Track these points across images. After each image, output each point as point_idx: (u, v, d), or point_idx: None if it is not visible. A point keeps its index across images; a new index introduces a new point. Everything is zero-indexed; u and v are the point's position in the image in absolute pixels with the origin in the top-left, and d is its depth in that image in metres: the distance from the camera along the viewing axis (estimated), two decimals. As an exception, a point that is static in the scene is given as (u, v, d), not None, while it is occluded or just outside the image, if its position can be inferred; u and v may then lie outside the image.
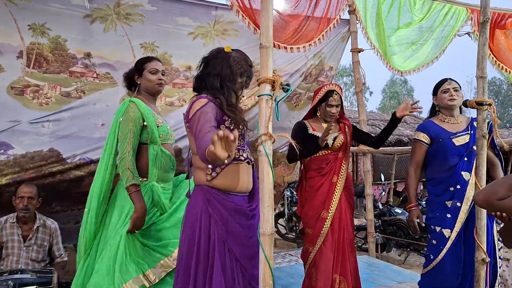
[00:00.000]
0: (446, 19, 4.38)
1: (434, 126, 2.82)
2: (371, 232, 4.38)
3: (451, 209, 2.67)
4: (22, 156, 3.23)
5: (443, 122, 2.83)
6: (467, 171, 2.69)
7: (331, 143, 2.87)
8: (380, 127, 10.88)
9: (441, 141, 2.74)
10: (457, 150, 2.72)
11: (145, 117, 2.33)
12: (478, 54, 2.55)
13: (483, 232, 2.50)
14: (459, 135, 2.76)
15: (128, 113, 2.31)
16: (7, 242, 3.03)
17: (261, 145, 1.73)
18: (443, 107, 2.85)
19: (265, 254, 1.68)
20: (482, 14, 2.56)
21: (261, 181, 1.73)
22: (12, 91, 3.17)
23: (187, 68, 3.79)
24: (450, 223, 2.65)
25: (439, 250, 2.65)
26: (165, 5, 3.54)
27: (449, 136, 2.76)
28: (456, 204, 2.66)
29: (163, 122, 2.47)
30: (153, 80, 2.46)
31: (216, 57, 2.02)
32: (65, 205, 3.57)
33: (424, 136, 2.79)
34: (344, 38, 4.49)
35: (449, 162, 2.72)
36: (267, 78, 1.77)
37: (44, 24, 3.18)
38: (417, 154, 2.81)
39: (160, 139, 2.38)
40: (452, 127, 2.80)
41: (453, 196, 2.66)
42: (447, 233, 2.64)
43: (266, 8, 1.80)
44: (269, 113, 1.75)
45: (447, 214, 2.66)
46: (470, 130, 2.77)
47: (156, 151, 2.35)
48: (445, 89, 2.81)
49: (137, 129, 2.31)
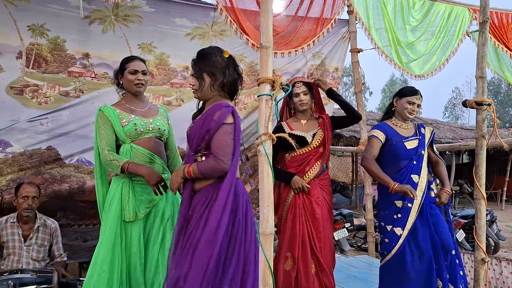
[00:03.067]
0: (450, 21, 4.39)
1: (389, 128, 2.89)
2: (371, 232, 4.38)
3: (402, 209, 2.74)
4: (20, 154, 3.24)
5: (395, 126, 2.90)
6: (416, 174, 2.77)
7: (311, 140, 2.86)
8: (380, 127, 10.90)
9: (395, 144, 2.81)
10: (408, 153, 2.80)
11: (111, 121, 2.46)
12: (477, 54, 2.56)
13: (483, 232, 2.50)
14: (410, 139, 2.83)
15: (98, 122, 2.50)
16: (8, 242, 3.03)
17: (261, 145, 1.73)
18: (399, 113, 2.90)
19: (265, 254, 1.68)
20: (482, 14, 2.56)
21: (260, 181, 1.73)
22: (12, 90, 3.18)
23: (185, 68, 3.80)
24: (401, 222, 2.74)
25: (391, 247, 2.75)
26: (163, 6, 3.55)
27: (402, 139, 2.83)
28: (407, 205, 2.73)
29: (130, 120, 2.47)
30: (132, 80, 2.51)
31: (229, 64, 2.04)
32: (71, 217, 3.58)
33: (382, 135, 2.84)
34: (346, 39, 4.49)
35: (400, 164, 2.79)
36: (267, 78, 1.77)
37: (43, 25, 3.19)
38: (374, 148, 2.84)
39: (129, 137, 2.45)
40: (404, 131, 2.88)
41: (404, 198, 2.73)
42: (399, 231, 2.73)
43: (266, 8, 1.80)
44: (269, 113, 1.75)
45: (398, 214, 2.75)
46: (418, 135, 2.86)
47: (125, 149, 2.45)
48: (411, 102, 2.83)
49: (109, 130, 2.47)
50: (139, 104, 2.57)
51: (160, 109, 2.65)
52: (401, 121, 2.90)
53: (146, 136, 2.48)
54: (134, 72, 2.51)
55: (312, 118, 2.97)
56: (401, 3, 4.20)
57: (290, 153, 2.90)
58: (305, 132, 2.87)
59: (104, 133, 2.46)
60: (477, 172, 2.54)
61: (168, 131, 2.62)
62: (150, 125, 2.50)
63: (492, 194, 12.82)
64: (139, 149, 2.44)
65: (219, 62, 2.02)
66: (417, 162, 2.79)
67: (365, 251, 5.14)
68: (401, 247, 2.71)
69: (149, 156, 2.46)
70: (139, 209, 2.41)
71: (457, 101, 36.11)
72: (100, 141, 2.46)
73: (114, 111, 2.48)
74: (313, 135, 2.87)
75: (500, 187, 12.48)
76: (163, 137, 2.57)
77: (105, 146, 2.43)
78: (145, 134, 2.48)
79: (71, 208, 3.53)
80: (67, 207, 3.51)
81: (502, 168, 12.47)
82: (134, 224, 2.40)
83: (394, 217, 2.76)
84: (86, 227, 3.61)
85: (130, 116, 2.48)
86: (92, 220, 3.63)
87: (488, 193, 12.07)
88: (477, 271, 2.51)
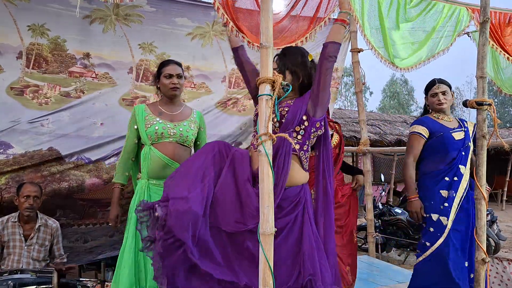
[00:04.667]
0: (445, 19, 4.38)
1: (432, 121, 2.88)
2: (371, 232, 4.38)
3: (449, 199, 2.73)
4: (21, 155, 3.23)
5: (437, 119, 2.90)
6: (463, 164, 2.79)
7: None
8: (380, 127, 10.89)
9: (442, 135, 2.79)
10: (457, 144, 2.80)
11: (137, 121, 2.58)
12: (478, 54, 2.55)
13: (483, 232, 2.50)
14: (457, 130, 2.84)
15: (129, 120, 2.66)
16: (9, 242, 3.03)
17: (261, 145, 1.73)
18: (433, 109, 2.93)
19: (265, 254, 1.68)
20: (482, 14, 2.56)
21: (261, 181, 1.73)
22: (12, 91, 3.18)
23: (186, 68, 3.80)
24: (447, 212, 2.71)
25: (436, 237, 2.69)
26: (164, 6, 3.55)
27: (449, 130, 2.82)
28: (453, 194, 2.73)
29: (153, 123, 2.54)
30: (166, 84, 2.61)
31: (312, 67, 2.10)
32: (70, 216, 3.58)
33: (424, 130, 2.82)
34: (346, 39, 4.49)
35: (451, 155, 2.78)
36: (267, 78, 1.77)
37: (43, 24, 3.19)
38: (416, 147, 2.83)
39: (150, 139, 2.53)
40: (448, 123, 2.88)
41: (450, 187, 2.73)
42: (445, 220, 2.70)
43: (266, 8, 1.80)
44: (269, 113, 1.75)
45: (445, 203, 2.73)
46: (463, 127, 2.87)
47: (145, 151, 2.54)
48: (433, 93, 2.88)
49: (131, 132, 2.63)
50: (172, 107, 2.66)
51: (193, 115, 2.72)
52: (442, 114, 2.90)
53: (166, 140, 2.54)
54: (169, 76, 2.60)
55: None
56: (397, 2, 4.20)
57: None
58: None
59: (127, 136, 2.64)
60: (478, 172, 2.54)
61: (196, 136, 2.70)
62: (172, 130, 2.56)
63: (493, 194, 12.82)
64: (156, 152, 2.52)
65: (303, 63, 2.04)
66: (465, 153, 2.80)
67: (366, 251, 5.13)
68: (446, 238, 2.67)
69: (164, 161, 2.51)
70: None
71: (457, 101, 36.05)
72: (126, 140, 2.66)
73: (144, 111, 2.61)
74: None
75: (500, 187, 12.48)
76: (187, 143, 2.62)
77: (123, 150, 2.65)
78: (165, 138, 2.54)
79: (71, 206, 3.53)
80: (67, 206, 3.51)
81: (503, 168, 12.46)
82: None
83: (441, 207, 2.73)
84: (86, 227, 3.61)
85: (155, 119, 2.57)
86: (92, 219, 3.62)
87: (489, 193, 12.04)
88: (477, 271, 2.51)
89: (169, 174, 2.46)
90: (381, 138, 10.03)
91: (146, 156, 2.51)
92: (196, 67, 3.86)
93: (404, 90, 35.62)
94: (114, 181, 2.66)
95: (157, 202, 1.86)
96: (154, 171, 2.51)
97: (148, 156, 2.52)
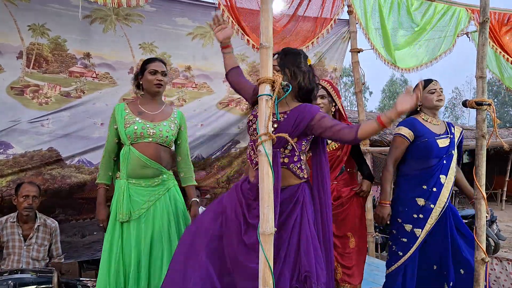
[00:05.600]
0: (445, 20, 4.39)
1: (419, 124, 2.77)
2: (371, 232, 4.38)
3: (424, 209, 2.67)
4: (21, 155, 3.23)
5: (426, 122, 2.79)
6: (444, 174, 2.70)
7: (329, 141, 2.84)
8: (380, 127, 10.89)
9: (427, 141, 2.70)
10: (439, 151, 2.72)
11: (116, 121, 2.55)
12: (477, 54, 2.55)
13: (483, 232, 2.50)
14: (442, 137, 2.76)
15: (110, 118, 2.61)
16: (8, 242, 3.03)
17: (261, 145, 1.73)
18: (428, 108, 2.82)
19: (265, 254, 1.68)
20: (482, 14, 2.55)
21: (260, 181, 1.73)
22: (12, 91, 3.18)
23: (187, 68, 3.80)
24: (421, 223, 2.66)
25: (409, 248, 2.68)
26: (164, 6, 3.55)
27: (434, 136, 2.73)
28: (430, 205, 2.67)
29: (133, 121, 2.51)
30: (151, 80, 2.56)
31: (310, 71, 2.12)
32: (69, 213, 3.58)
33: (410, 133, 2.74)
34: (345, 39, 4.48)
35: (431, 162, 2.71)
36: (267, 78, 1.77)
37: (44, 24, 3.19)
38: (399, 149, 2.76)
39: (129, 139, 2.49)
40: (435, 128, 2.78)
41: (428, 197, 2.67)
42: (418, 232, 2.67)
43: (266, 8, 1.80)
44: (269, 113, 1.75)
45: (419, 214, 2.67)
46: (450, 134, 2.78)
47: (124, 151, 2.51)
48: (433, 89, 2.79)
49: (111, 132, 2.59)
50: (153, 106, 2.62)
51: (174, 114, 2.67)
52: (431, 116, 2.81)
53: (145, 140, 2.51)
54: (154, 73, 2.56)
55: None
56: (398, 3, 4.21)
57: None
58: None
59: (108, 135, 2.60)
60: (477, 172, 2.53)
61: (176, 136, 2.65)
62: (151, 130, 2.52)
63: (492, 194, 12.82)
64: (135, 153, 2.49)
65: (302, 65, 2.06)
66: (447, 162, 2.71)
67: (365, 251, 5.13)
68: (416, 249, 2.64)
69: (143, 161, 2.49)
70: (134, 210, 2.45)
71: (457, 101, 36.04)
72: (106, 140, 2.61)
73: (124, 110, 2.56)
74: None
75: (500, 187, 12.50)
76: (167, 143, 2.58)
77: (105, 150, 2.61)
78: (144, 138, 2.51)
79: (70, 205, 3.54)
80: (66, 205, 3.52)
81: (502, 168, 12.48)
82: (129, 225, 2.45)
83: (414, 216, 2.68)
84: (83, 221, 3.60)
85: (135, 118, 2.53)
86: (89, 214, 3.63)
87: (488, 193, 12.07)
88: (477, 271, 2.51)
89: (148, 174, 2.50)
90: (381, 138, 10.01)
91: (126, 156, 2.48)
92: (197, 67, 3.86)
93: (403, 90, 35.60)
94: (98, 181, 2.61)
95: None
96: (134, 171, 2.48)
97: (127, 156, 2.49)
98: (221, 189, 4.17)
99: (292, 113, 2.00)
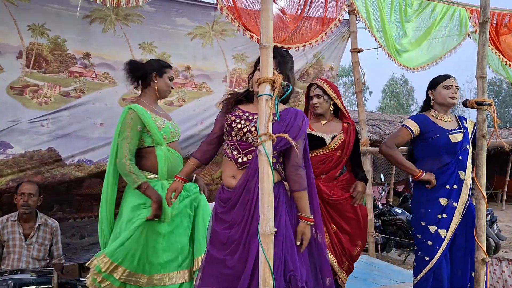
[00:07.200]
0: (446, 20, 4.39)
1: (428, 120, 2.72)
2: (371, 232, 4.38)
3: (447, 209, 2.60)
4: (21, 155, 3.23)
5: (436, 119, 2.73)
6: (462, 170, 2.64)
7: (329, 142, 2.84)
8: (380, 127, 10.88)
9: (437, 137, 2.65)
10: (453, 147, 2.64)
11: (145, 123, 2.46)
12: (478, 54, 2.55)
13: (483, 232, 2.50)
14: (455, 132, 2.68)
15: (125, 121, 2.45)
16: (9, 241, 3.03)
17: (261, 145, 1.73)
18: (440, 104, 2.75)
19: (265, 254, 1.68)
20: (482, 14, 2.55)
21: (261, 181, 1.73)
22: (12, 91, 3.18)
23: (186, 68, 3.80)
24: (445, 223, 2.58)
25: (435, 251, 2.58)
26: (163, 6, 3.55)
27: (446, 132, 2.66)
28: (453, 204, 2.60)
29: (164, 123, 2.54)
30: (169, 85, 2.64)
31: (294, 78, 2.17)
32: (67, 210, 3.57)
33: (416, 127, 2.69)
34: (344, 38, 4.48)
35: (445, 159, 2.65)
36: (267, 78, 1.76)
37: (43, 24, 3.19)
38: (400, 138, 2.71)
39: (165, 139, 2.51)
40: (446, 124, 2.72)
41: (450, 196, 2.60)
42: (443, 233, 2.59)
43: (266, 8, 1.79)
44: (269, 113, 1.75)
45: (443, 214, 2.59)
46: (462, 128, 2.71)
47: (163, 152, 2.49)
48: (449, 85, 2.70)
49: (135, 134, 2.45)
50: (158, 107, 2.68)
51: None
52: (442, 113, 2.74)
53: (175, 139, 2.59)
54: (171, 79, 2.65)
55: (335, 120, 2.91)
56: (398, 2, 4.21)
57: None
58: (325, 133, 2.82)
59: (130, 137, 2.44)
60: (478, 172, 2.53)
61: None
62: (176, 129, 2.61)
63: (493, 194, 12.82)
64: (174, 152, 2.54)
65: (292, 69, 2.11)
66: (463, 157, 2.64)
67: (366, 251, 5.13)
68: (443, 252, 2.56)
69: (180, 159, 2.56)
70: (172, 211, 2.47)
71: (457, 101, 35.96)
72: (123, 144, 2.43)
73: (146, 112, 2.50)
74: (332, 137, 2.81)
75: (500, 187, 12.50)
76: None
77: (128, 153, 2.43)
78: (174, 137, 2.59)
79: (68, 201, 3.54)
80: (64, 201, 3.52)
81: (503, 168, 12.47)
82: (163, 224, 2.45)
83: (438, 216, 2.60)
84: (81, 220, 3.58)
85: (162, 119, 2.55)
86: (88, 213, 3.62)
87: (489, 193, 12.07)
88: (477, 271, 2.50)
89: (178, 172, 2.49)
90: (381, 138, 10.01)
91: (166, 157, 2.48)
92: (197, 67, 3.85)
93: (404, 90, 35.58)
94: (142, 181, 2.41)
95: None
96: (172, 171, 2.49)
97: (167, 156, 2.49)
98: (216, 186, 4.16)
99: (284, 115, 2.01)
